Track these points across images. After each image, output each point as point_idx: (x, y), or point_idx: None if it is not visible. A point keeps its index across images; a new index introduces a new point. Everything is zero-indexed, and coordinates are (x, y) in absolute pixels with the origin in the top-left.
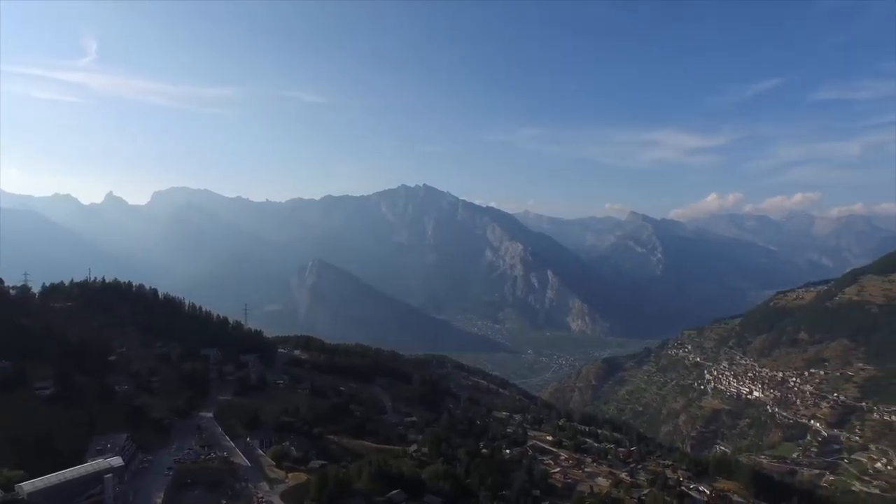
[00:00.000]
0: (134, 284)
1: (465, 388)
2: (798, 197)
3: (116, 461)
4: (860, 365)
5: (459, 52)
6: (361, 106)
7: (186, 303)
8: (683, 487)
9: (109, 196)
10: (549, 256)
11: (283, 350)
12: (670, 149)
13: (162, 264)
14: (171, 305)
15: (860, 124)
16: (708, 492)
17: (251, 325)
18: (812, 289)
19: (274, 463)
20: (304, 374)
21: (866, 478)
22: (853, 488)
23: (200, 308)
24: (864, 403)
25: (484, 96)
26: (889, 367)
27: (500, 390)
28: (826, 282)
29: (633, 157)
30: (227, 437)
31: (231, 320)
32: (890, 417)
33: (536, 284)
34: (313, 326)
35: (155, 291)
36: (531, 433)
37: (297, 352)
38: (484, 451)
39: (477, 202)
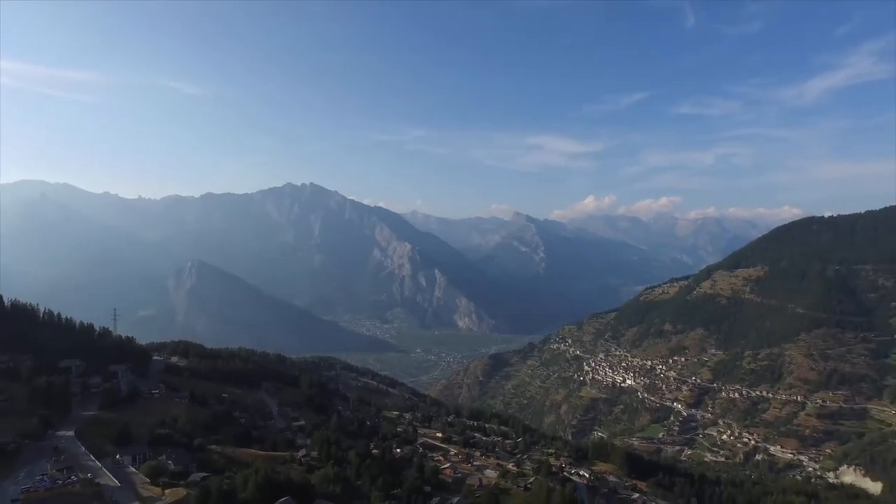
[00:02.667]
0: None
1: (354, 389)
2: (663, 200)
3: None
4: (712, 351)
5: (345, 53)
6: (246, 101)
7: (42, 310)
8: (566, 473)
9: None
10: (436, 256)
11: (158, 357)
12: (552, 153)
13: (10, 268)
14: (21, 314)
15: (713, 137)
16: (587, 475)
17: (122, 331)
18: (675, 284)
19: (148, 480)
20: (182, 382)
21: (715, 449)
22: (705, 459)
23: (59, 315)
24: (715, 384)
25: (371, 96)
26: (734, 351)
27: (390, 390)
28: (686, 277)
29: (518, 160)
30: (92, 457)
31: (98, 328)
32: (733, 395)
33: (424, 284)
34: (193, 331)
35: None
36: (421, 431)
37: (174, 359)
38: (374, 451)
39: (365, 202)
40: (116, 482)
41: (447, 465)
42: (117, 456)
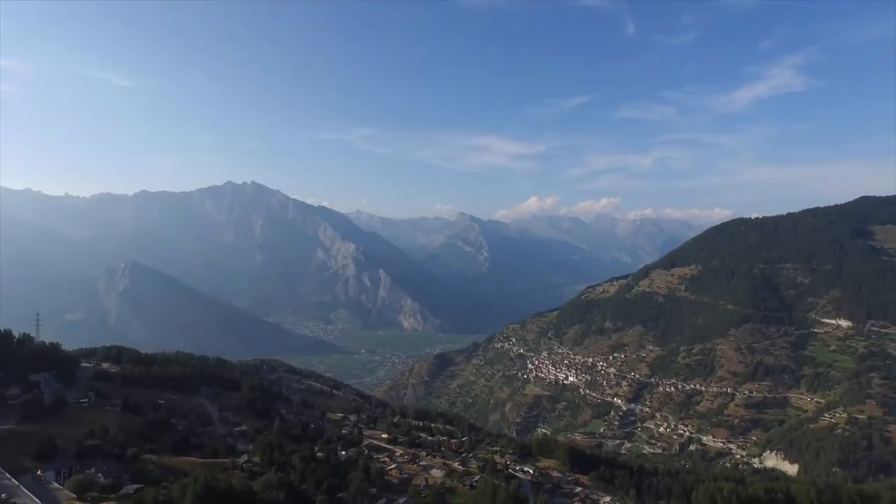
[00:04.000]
0: None
1: (298, 391)
2: (604, 201)
3: None
4: (650, 347)
5: (288, 49)
6: (183, 95)
7: None
8: (510, 470)
9: None
10: (381, 256)
11: (87, 364)
12: (497, 154)
13: None
14: None
15: (651, 141)
16: (532, 471)
17: (46, 337)
18: (615, 283)
19: (74, 495)
20: (114, 389)
21: (653, 441)
22: (644, 451)
23: None
24: (652, 379)
25: (315, 94)
26: (670, 347)
27: (335, 392)
28: (625, 276)
29: (463, 161)
30: (8, 475)
31: (17, 333)
32: (670, 389)
33: (369, 284)
34: (126, 335)
35: None
36: (367, 432)
37: (105, 365)
38: (319, 454)
39: (308, 201)
40: (37, 500)
41: (393, 465)
42: (38, 472)
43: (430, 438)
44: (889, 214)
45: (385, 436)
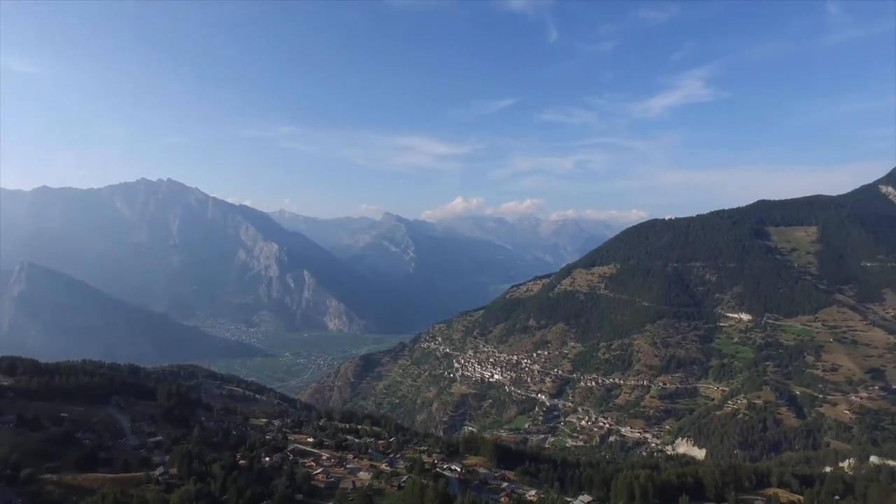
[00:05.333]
0: None
1: (218, 397)
2: (528, 202)
3: None
4: (572, 344)
5: (207, 42)
6: (93, 83)
7: None
8: (438, 469)
9: None
10: (305, 256)
11: None
12: (423, 154)
13: None
14: None
15: (572, 144)
16: (459, 469)
17: None
18: (538, 282)
19: None
20: (7, 404)
21: (575, 434)
22: (567, 444)
23: None
24: (574, 375)
25: (236, 90)
26: (591, 343)
27: (258, 396)
28: (548, 275)
29: (389, 161)
30: None
31: None
32: (591, 384)
33: (293, 285)
34: (22, 344)
35: None
36: (291, 437)
37: None
38: (241, 462)
39: (229, 200)
40: None
41: (319, 470)
42: None
43: (357, 440)
44: (782, 217)
45: (311, 440)
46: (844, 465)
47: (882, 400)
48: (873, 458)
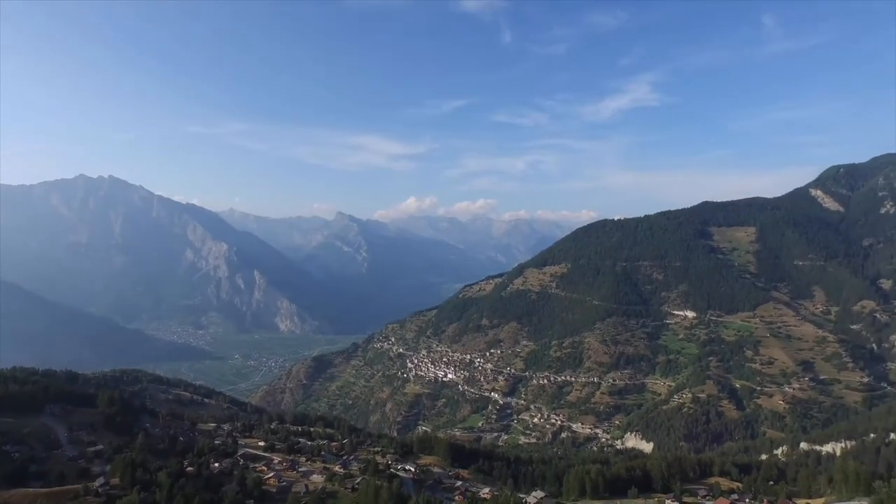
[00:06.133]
0: None
1: (164, 403)
2: (480, 202)
3: None
4: (525, 342)
5: (152, 34)
6: (22, 75)
7: None
8: (392, 469)
9: None
10: (255, 256)
11: None
12: (376, 153)
13: None
14: None
15: (525, 145)
16: (413, 469)
17: None
18: (491, 281)
19: None
20: None
21: (528, 431)
22: (520, 442)
23: None
24: (527, 373)
25: (183, 85)
26: (543, 341)
27: (206, 400)
28: (501, 275)
29: (341, 160)
30: None
31: None
32: (543, 381)
33: (242, 286)
34: None
35: None
36: (242, 441)
37: None
38: (189, 468)
39: (176, 198)
40: None
41: (271, 474)
42: None
43: (309, 443)
44: (724, 217)
45: (262, 443)
46: (778, 452)
47: (811, 390)
48: (803, 445)
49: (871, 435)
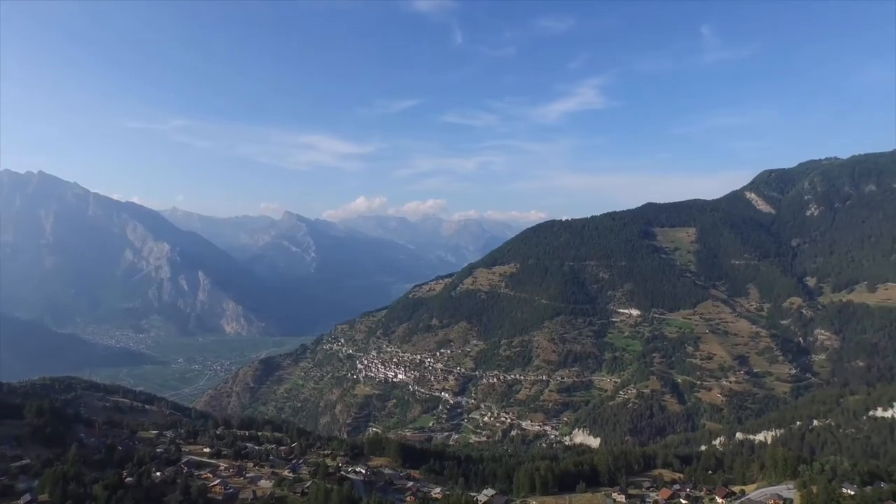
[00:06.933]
0: None
1: (101, 410)
2: (430, 202)
3: None
4: (474, 342)
5: (89, 21)
6: None
7: None
8: (343, 472)
9: None
10: (200, 257)
11: None
12: (325, 153)
13: None
14: None
15: (475, 146)
16: (364, 471)
17: None
18: (441, 281)
19: None
20: None
21: (479, 430)
22: (471, 440)
23: None
24: (477, 372)
25: (119, 79)
26: (492, 340)
27: (148, 407)
28: (451, 275)
29: (290, 158)
30: None
31: None
32: (493, 380)
33: (186, 287)
34: None
35: None
36: (186, 448)
37: None
38: (129, 479)
39: (114, 196)
40: None
41: (216, 481)
42: None
43: (257, 448)
44: (667, 218)
45: (207, 450)
46: (717, 442)
47: (746, 383)
48: (739, 435)
49: (798, 423)
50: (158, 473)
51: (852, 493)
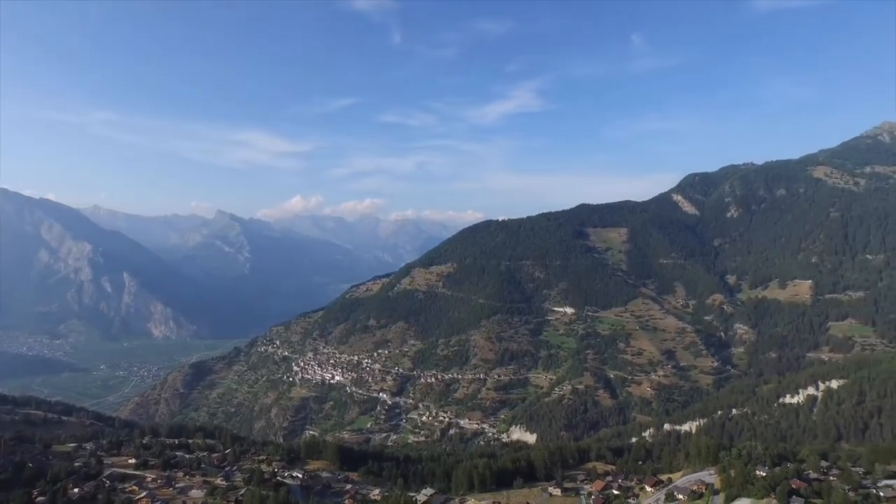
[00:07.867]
0: None
1: (9, 424)
2: (367, 202)
3: None
4: (412, 342)
5: None
6: None
7: None
8: (279, 477)
9: None
10: (125, 257)
11: None
12: (260, 150)
13: None
14: None
15: (413, 146)
16: (301, 475)
17: None
18: (378, 281)
19: None
20: None
21: (417, 430)
22: (409, 441)
23: None
24: (415, 372)
25: (36, 65)
26: (430, 340)
27: (65, 418)
28: (388, 275)
29: (223, 156)
30: None
31: None
32: (431, 380)
33: (110, 289)
34: None
35: None
36: (109, 460)
37: None
38: (40, 498)
39: (27, 193)
40: None
41: (143, 494)
42: None
43: (187, 456)
44: (599, 219)
45: (132, 461)
46: (646, 434)
47: (673, 377)
48: (666, 426)
49: (719, 412)
50: (76, 490)
51: (764, 474)
